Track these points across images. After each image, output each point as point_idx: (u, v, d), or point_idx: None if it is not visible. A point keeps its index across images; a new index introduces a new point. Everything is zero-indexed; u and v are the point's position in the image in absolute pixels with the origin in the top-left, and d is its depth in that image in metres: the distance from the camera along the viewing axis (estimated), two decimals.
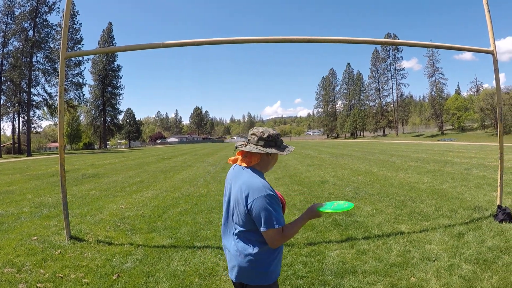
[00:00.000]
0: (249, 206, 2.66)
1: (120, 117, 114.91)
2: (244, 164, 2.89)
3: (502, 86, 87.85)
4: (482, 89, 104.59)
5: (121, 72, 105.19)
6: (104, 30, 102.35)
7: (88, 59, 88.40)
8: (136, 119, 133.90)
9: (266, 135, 2.86)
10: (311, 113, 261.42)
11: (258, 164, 2.90)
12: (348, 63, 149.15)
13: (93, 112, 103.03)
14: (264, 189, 2.67)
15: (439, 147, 44.56)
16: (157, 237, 7.39)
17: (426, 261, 5.73)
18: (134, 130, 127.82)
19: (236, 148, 2.94)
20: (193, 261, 5.95)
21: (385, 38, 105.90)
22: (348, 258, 5.95)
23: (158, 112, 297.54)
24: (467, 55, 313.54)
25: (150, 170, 22.34)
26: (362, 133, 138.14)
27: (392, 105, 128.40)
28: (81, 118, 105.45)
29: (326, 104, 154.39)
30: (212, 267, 5.68)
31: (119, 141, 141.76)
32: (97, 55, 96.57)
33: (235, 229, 2.84)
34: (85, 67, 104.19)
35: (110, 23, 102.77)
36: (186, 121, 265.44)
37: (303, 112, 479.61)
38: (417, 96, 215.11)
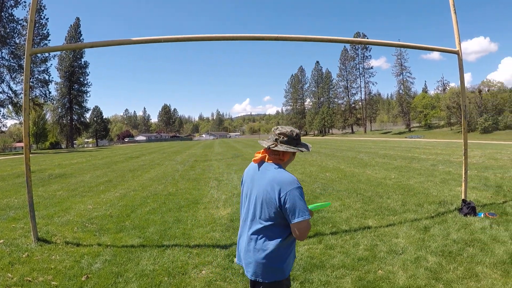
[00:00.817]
0: (282, 199, 2.76)
1: (87, 115, 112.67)
2: (272, 162, 3.03)
3: (468, 85, 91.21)
4: (448, 88, 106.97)
5: (88, 69, 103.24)
6: (71, 25, 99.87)
7: (55, 55, 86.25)
8: (104, 117, 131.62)
9: (295, 134, 3.03)
10: (280, 111, 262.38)
11: (284, 162, 3.08)
12: (317, 61, 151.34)
13: (59, 110, 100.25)
14: (296, 182, 2.83)
15: (406, 144, 45.31)
16: (125, 237, 7.32)
17: (393, 254, 5.86)
18: (101, 129, 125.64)
19: (269, 148, 3.01)
20: (162, 260, 5.93)
21: (354, 37, 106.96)
22: (316, 253, 6.03)
23: (126, 110, 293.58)
24: (435, 55, 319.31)
25: (118, 169, 22.05)
26: (330, 131, 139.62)
27: (360, 103, 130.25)
28: (47, 117, 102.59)
29: (295, 102, 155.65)
30: (181, 266, 5.67)
31: (86, 140, 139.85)
32: (64, 51, 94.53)
33: (259, 224, 2.91)
34: (51, 64, 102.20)
35: (77, 19, 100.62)
36: (154, 119, 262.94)
37: (272, 110, 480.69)
38: (385, 94, 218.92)
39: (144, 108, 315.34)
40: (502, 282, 4.73)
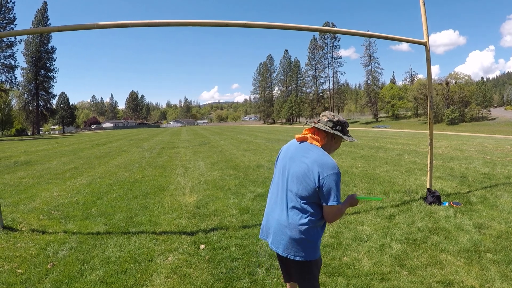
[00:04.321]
0: (321, 181, 2.89)
1: (54, 101, 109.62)
2: (315, 143, 3.14)
3: (435, 77, 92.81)
4: (416, 79, 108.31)
5: (55, 54, 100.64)
6: (38, 9, 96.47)
7: (21, 40, 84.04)
8: (70, 104, 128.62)
9: (336, 119, 3.15)
10: (248, 99, 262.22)
11: (324, 145, 3.16)
12: (286, 50, 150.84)
13: (25, 96, 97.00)
14: (336, 167, 2.97)
15: (373, 133, 45.87)
16: (91, 224, 7.24)
17: (358, 241, 5.96)
18: (68, 115, 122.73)
19: (306, 123, 3.07)
20: (128, 247, 5.90)
21: (323, 26, 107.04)
22: None
23: (93, 96, 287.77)
24: (404, 46, 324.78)
25: (84, 156, 21.71)
26: (298, 119, 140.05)
27: (328, 92, 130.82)
28: (13, 103, 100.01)
29: (263, 90, 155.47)
30: (147, 252, 5.65)
31: (52, 127, 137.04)
32: (31, 36, 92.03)
33: (296, 201, 3.02)
34: (17, 49, 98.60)
35: (45, 3, 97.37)
36: (121, 105, 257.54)
37: (240, 98, 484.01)
38: (353, 84, 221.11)
39: (112, 95, 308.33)
40: (465, 270, 4.85)
